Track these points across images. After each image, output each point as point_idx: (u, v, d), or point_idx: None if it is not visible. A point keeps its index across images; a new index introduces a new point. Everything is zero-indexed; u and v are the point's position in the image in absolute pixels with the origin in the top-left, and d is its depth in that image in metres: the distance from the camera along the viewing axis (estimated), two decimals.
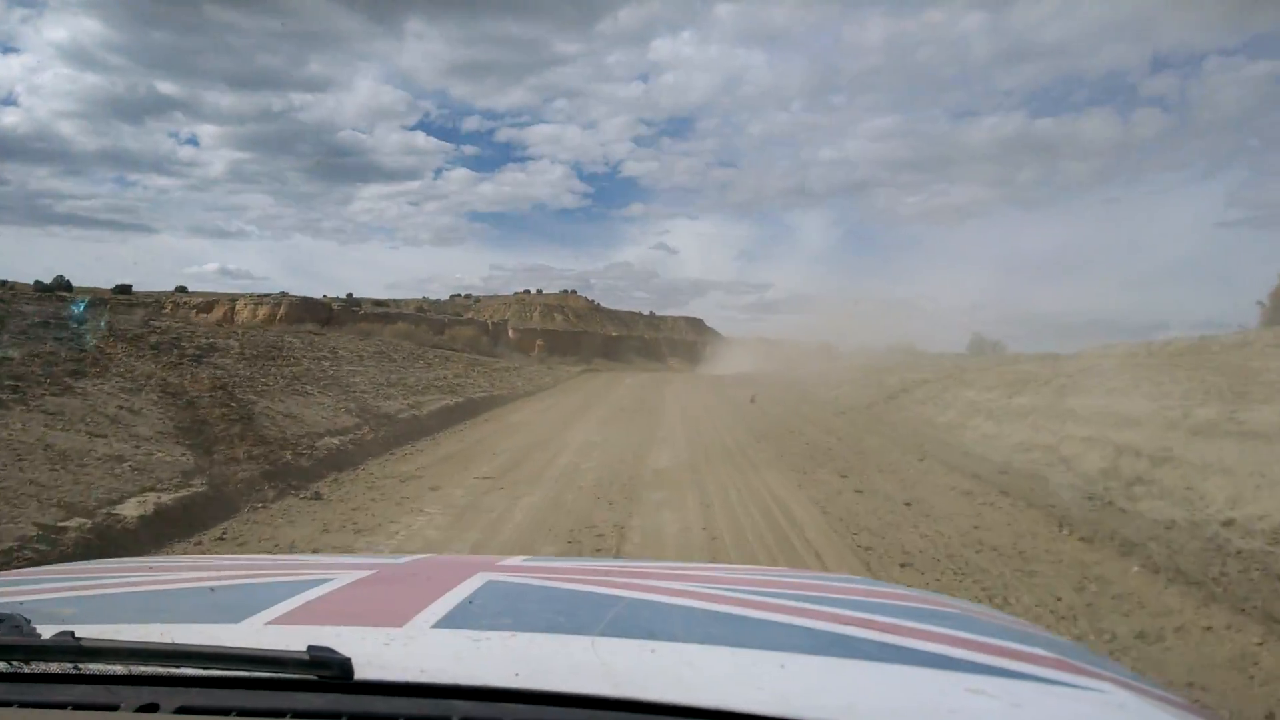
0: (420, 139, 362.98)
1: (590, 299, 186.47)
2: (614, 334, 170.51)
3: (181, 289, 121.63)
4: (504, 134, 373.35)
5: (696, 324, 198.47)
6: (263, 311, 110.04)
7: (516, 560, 2.22)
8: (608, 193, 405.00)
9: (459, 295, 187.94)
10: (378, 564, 2.12)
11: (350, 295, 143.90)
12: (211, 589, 1.84)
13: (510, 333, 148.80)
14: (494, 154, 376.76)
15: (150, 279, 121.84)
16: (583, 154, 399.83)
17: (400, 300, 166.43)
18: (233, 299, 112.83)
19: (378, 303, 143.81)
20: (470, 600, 1.60)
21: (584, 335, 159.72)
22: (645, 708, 1.10)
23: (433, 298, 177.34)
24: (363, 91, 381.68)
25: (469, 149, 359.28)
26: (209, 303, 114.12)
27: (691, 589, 1.90)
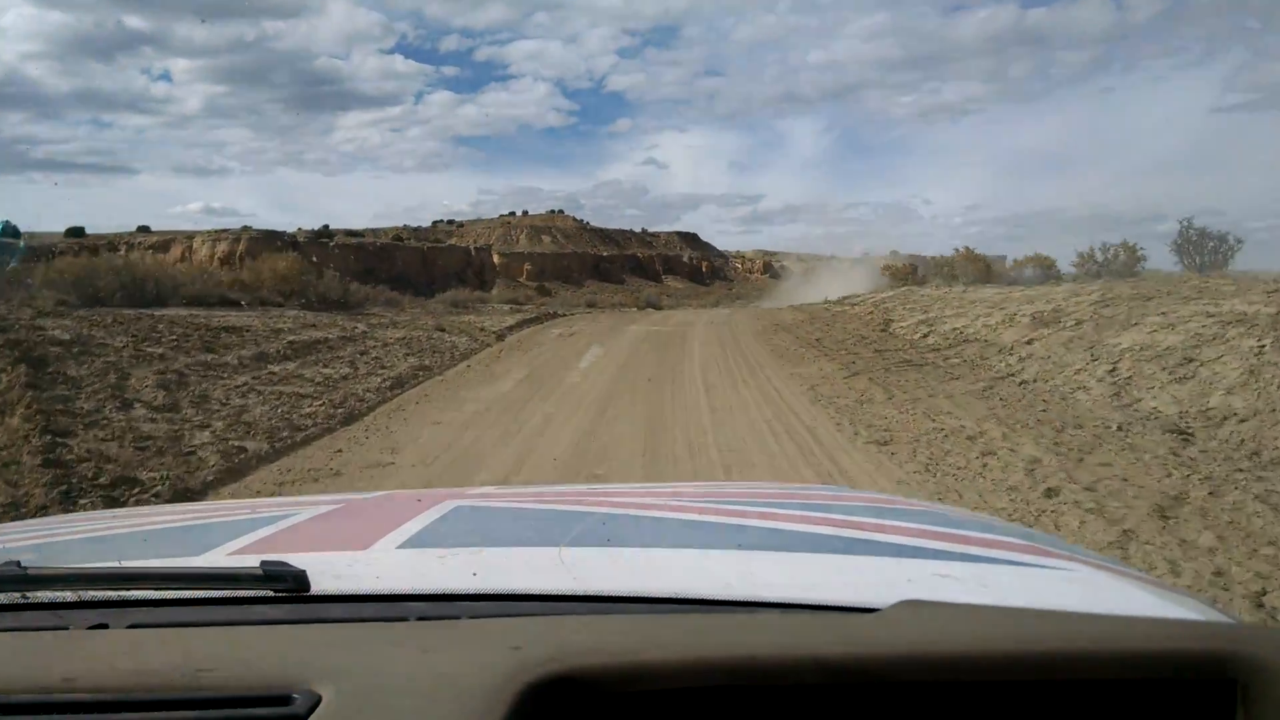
0: (399, 62, 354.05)
1: (579, 219, 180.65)
2: (605, 254, 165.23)
3: (144, 229, 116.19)
4: (484, 52, 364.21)
5: (691, 238, 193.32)
6: (221, 248, 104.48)
7: (486, 489, 2.20)
8: (594, 109, 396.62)
9: (441, 222, 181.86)
10: (344, 499, 2.09)
11: (326, 227, 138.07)
12: (168, 527, 1.82)
13: (495, 258, 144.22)
14: (475, 74, 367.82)
15: (135, 220, 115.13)
16: (566, 70, 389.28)
17: (379, 230, 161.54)
18: (189, 236, 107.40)
19: (351, 233, 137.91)
20: (438, 523, 1.55)
21: (573, 257, 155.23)
22: (606, 600, 1.11)
23: (415, 225, 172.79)
24: (336, 15, 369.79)
25: (449, 70, 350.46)
26: (165, 241, 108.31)
27: (661, 503, 1.90)
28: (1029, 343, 13.80)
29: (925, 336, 16.94)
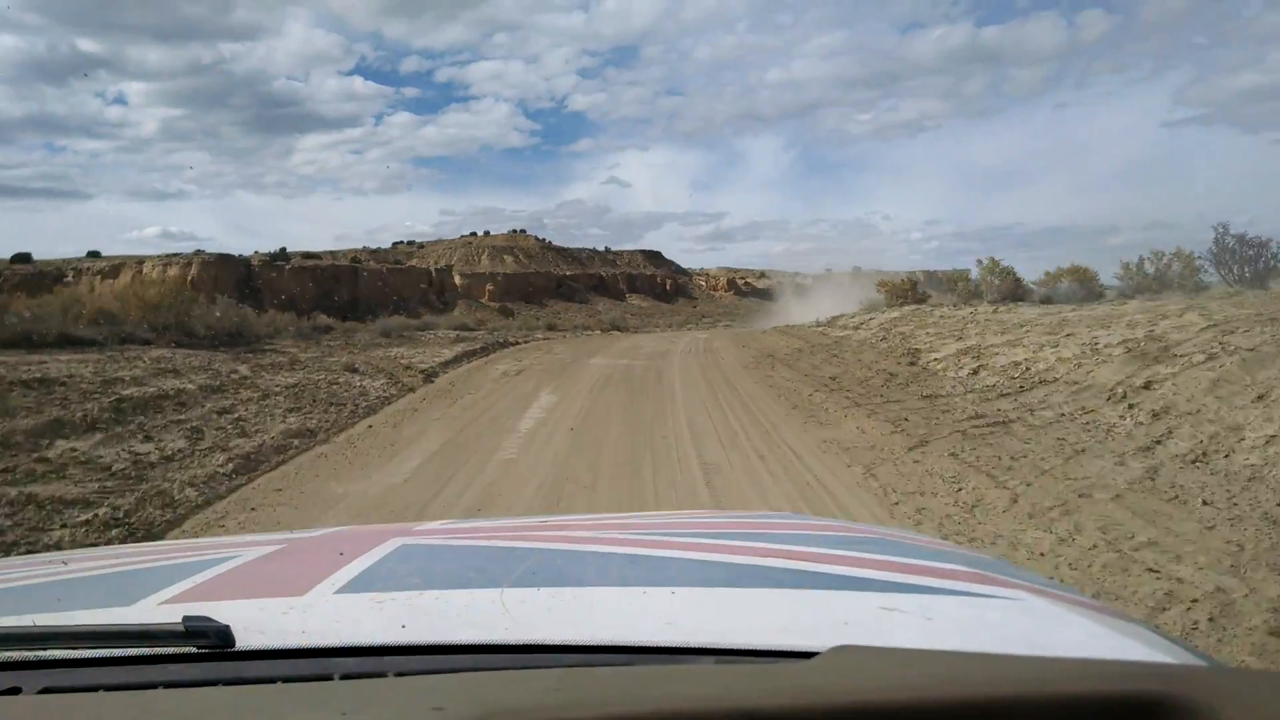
0: (358, 84, 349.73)
1: (541, 238, 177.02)
2: (568, 273, 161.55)
3: (94, 254, 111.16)
4: (444, 73, 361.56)
5: (654, 256, 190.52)
6: (173, 273, 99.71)
7: (435, 524, 2.15)
8: (555, 129, 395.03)
9: (402, 243, 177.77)
10: (288, 539, 2.00)
11: (284, 249, 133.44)
12: (103, 574, 1.72)
13: (456, 279, 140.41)
14: (435, 95, 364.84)
15: (88, 246, 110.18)
16: (527, 90, 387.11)
17: (338, 252, 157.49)
18: (140, 261, 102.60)
19: (308, 255, 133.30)
20: (380, 564, 1.52)
21: (536, 276, 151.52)
22: (539, 649, 1.10)
23: (375, 246, 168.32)
24: (294, 37, 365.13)
25: (409, 91, 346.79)
26: (115, 267, 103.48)
27: (612, 536, 1.86)
28: (1146, 387, 9.78)
29: (975, 374, 12.88)
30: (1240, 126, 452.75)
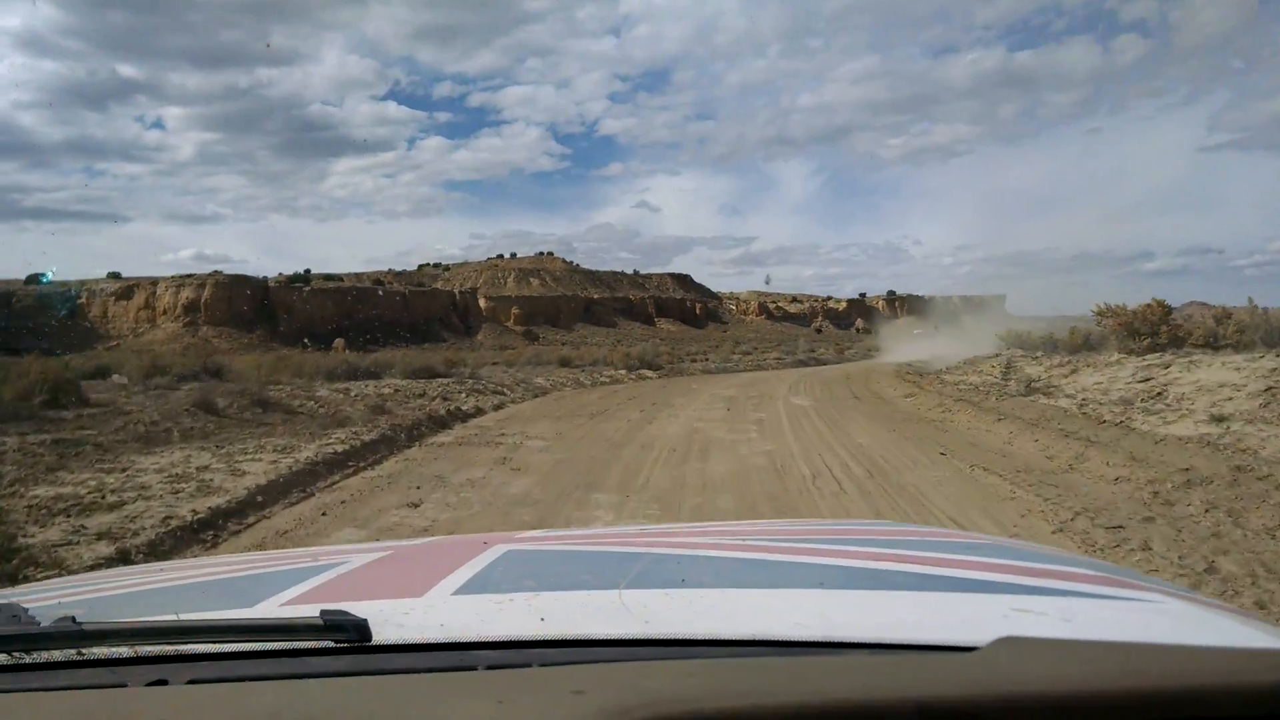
0: (392, 109, 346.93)
1: (568, 260, 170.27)
2: (596, 296, 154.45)
3: (114, 275, 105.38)
4: (476, 98, 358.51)
5: (683, 280, 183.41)
6: (185, 295, 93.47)
7: (537, 532, 2.11)
8: (586, 153, 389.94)
9: (427, 265, 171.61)
10: (393, 546, 1.97)
11: (308, 271, 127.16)
12: (220, 578, 1.76)
13: (481, 301, 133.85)
14: (467, 120, 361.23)
15: (127, 268, 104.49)
16: (558, 114, 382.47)
17: (362, 274, 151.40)
18: (154, 282, 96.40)
19: (329, 276, 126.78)
20: (490, 568, 1.49)
21: (563, 299, 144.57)
22: (680, 643, 1.05)
23: (400, 269, 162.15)
24: (329, 63, 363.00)
25: (442, 116, 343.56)
26: (128, 288, 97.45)
27: (717, 542, 1.78)
28: None
29: None
30: (1278, 150, 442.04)
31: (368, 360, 25.30)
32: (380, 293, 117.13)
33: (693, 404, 18.27)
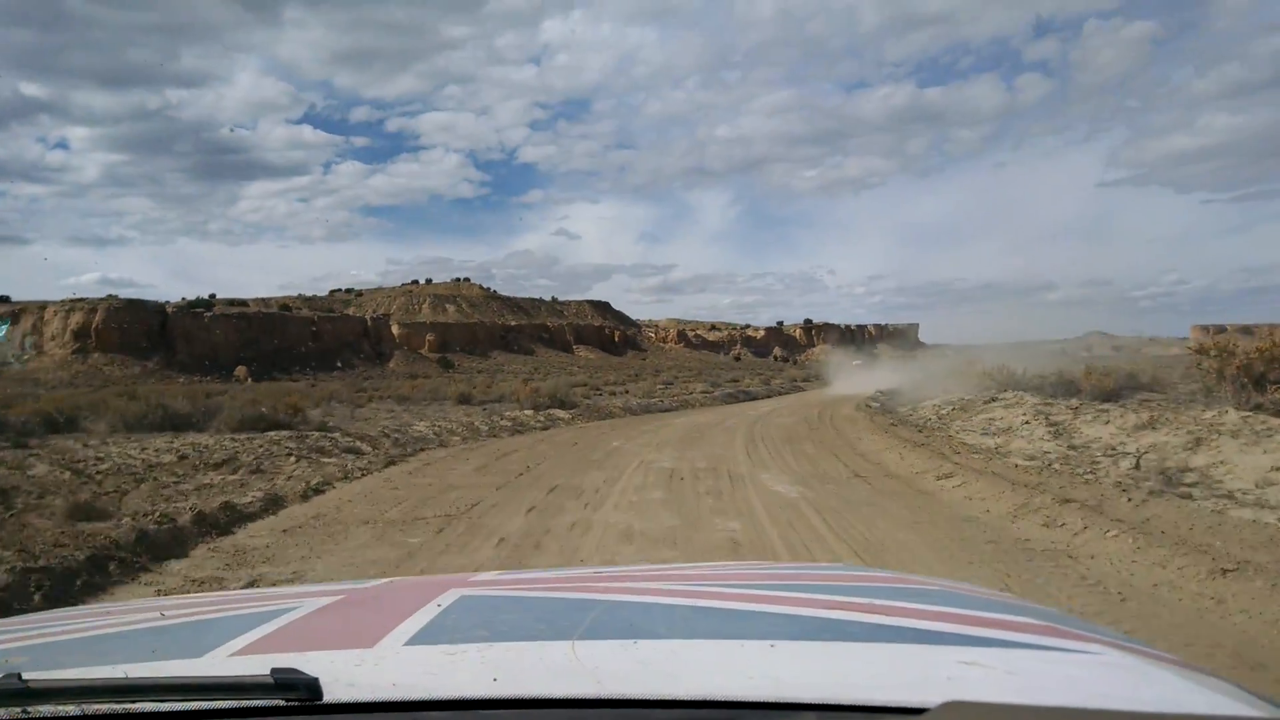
0: (307, 132, 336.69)
1: (485, 287, 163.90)
2: (513, 323, 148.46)
3: (3, 298, 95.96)
4: (394, 123, 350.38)
5: (602, 307, 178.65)
6: (76, 320, 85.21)
7: (490, 575, 2.08)
8: (505, 180, 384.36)
9: (340, 290, 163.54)
10: (345, 589, 1.92)
11: (213, 295, 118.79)
12: (167, 625, 1.65)
13: (395, 329, 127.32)
14: (385, 145, 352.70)
15: (25, 292, 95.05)
16: (477, 141, 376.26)
17: (270, 299, 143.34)
18: (42, 306, 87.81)
19: (234, 301, 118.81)
20: (443, 616, 1.46)
21: (480, 326, 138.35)
22: (631, 704, 1.04)
23: (310, 294, 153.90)
24: (242, 85, 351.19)
25: (359, 140, 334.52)
26: (14, 313, 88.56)
27: (672, 588, 1.76)
28: None
29: None
30: (1173, 187, 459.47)
31: (203, 403, 19.24)
32: (288, 319, 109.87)
33: (617, 484, 11.81)
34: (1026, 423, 15.74)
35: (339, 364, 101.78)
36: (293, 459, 13.38)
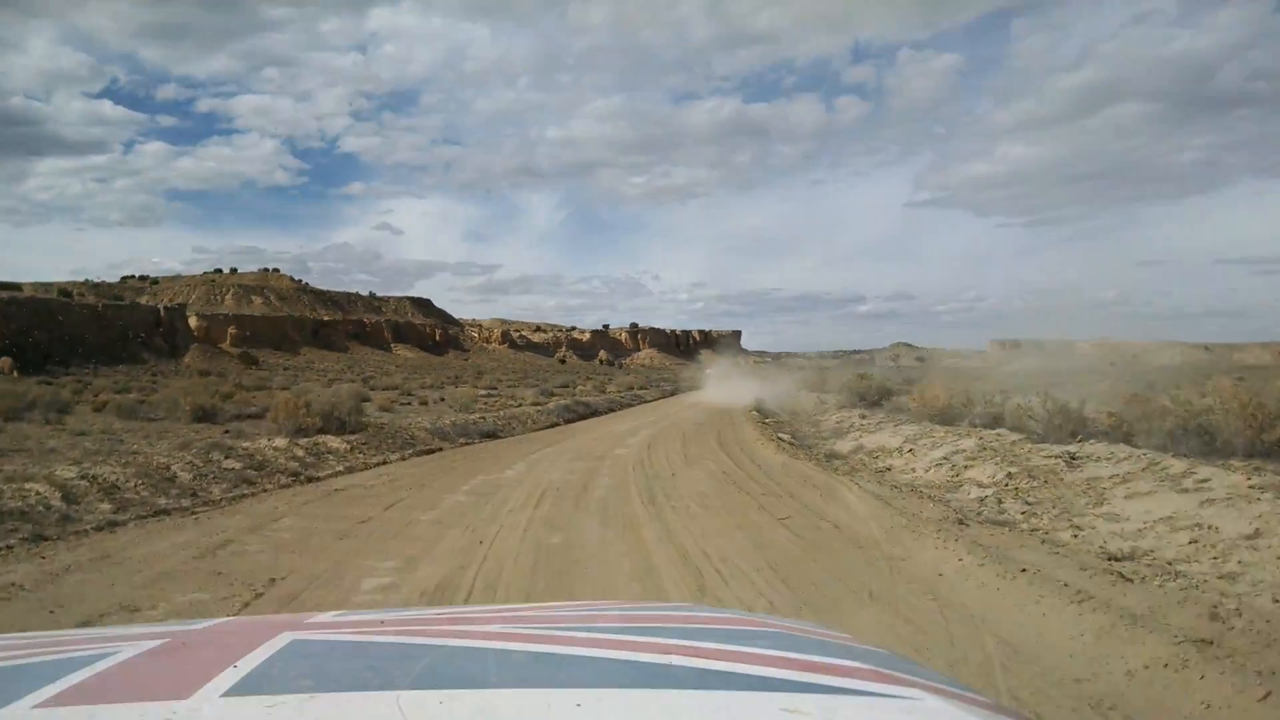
0: (107, 108, 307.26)
1: (297, 279, 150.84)
2: (327, 318, 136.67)
3: None
4: (205, 104, 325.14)
5: (424, 304, 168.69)
6: None
7: (328, 616, 1.90)
8: (325, 170, 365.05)
9: (132, 277, 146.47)
10: (170, 632, 1.71)
11: None
12: None
13: (192, 321, 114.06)
14: (194, 126, 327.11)
15: None
16: (296, 128, 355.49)
17: (50, 284, 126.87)
18: None
19: (4, 285, 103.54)
20: (268, 664, 1.35)
21: (289, 321, 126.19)
22: None
23: (97, 280, 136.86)
24: (36, 53, 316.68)
25: (165, 120, 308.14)
26: None
27: (513, 630, 1.70)
28: None
29: None
30: (972, 210, 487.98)
31: None
32: (67, 307, 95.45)
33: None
34: (930, 447, 12.97)
35: (126, 357, 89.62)
36: None
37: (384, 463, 14.98)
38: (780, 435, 19.19)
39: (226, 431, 16.56)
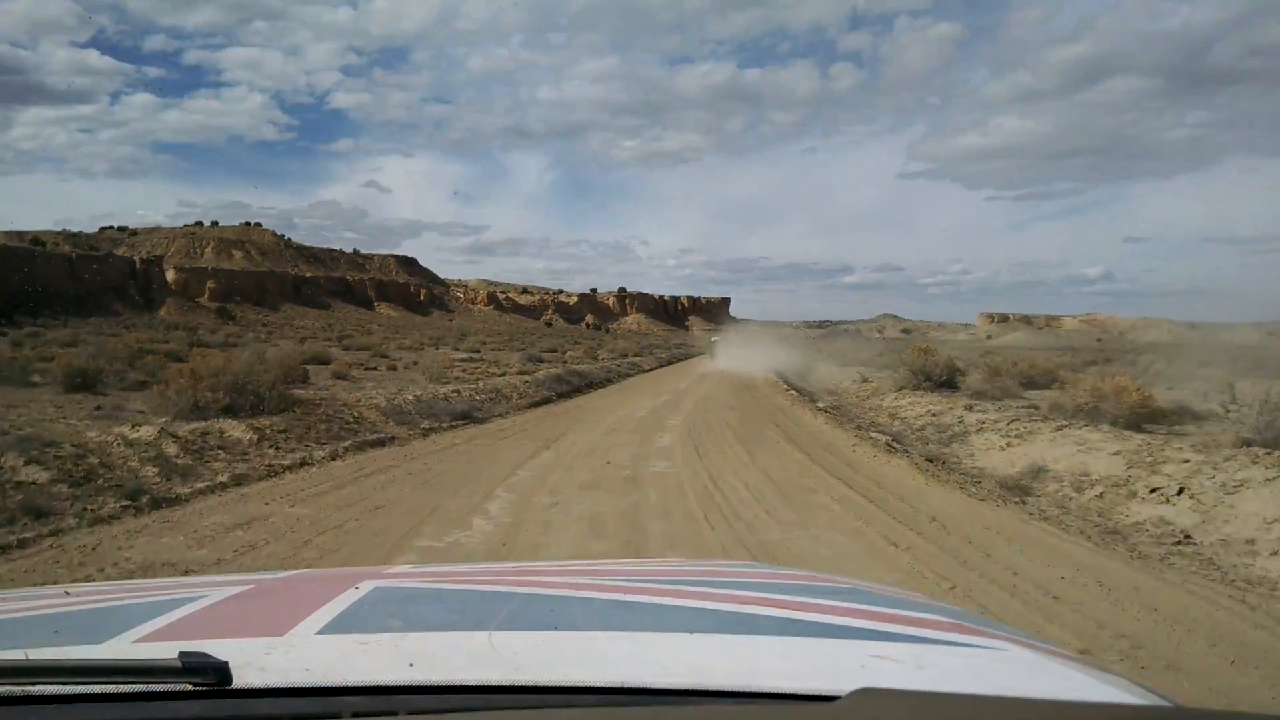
0: (94, 58, 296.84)
1: (280, 234, 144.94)
2: (309, 274, 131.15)
3: None
4: (193, 56, 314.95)
5: (409, 263, 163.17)
6: None
7: (404, 567, 1.96)
8: (314, 126, 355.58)
9: (110, 228, 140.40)
10: (255, 580, 1.75)
11: None
12: (70, 610, 1.47)
13: (170, 274, 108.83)
14: (182, 78, 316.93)
15: None
16: (285, 82, 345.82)
17: (24, 232, 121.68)
18: None
19: None
20: (356, 606, 1.35)
21: (270, 276, 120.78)
22: (550, 690, 1.00)
23: (75, 230, 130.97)
24: (23, 0, 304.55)
25: (153, 71, 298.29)
26: None
27: (587, 582, 1.67)
28: None
29: None
30: (963, 182, 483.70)
31: None
32: (38, 255, 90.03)
33: None
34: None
35: (99, 309, 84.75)
36: None
37: (303, 463, 10.24)
38: (891, 443, 12.48)
39: (99, 407, 12.01)
